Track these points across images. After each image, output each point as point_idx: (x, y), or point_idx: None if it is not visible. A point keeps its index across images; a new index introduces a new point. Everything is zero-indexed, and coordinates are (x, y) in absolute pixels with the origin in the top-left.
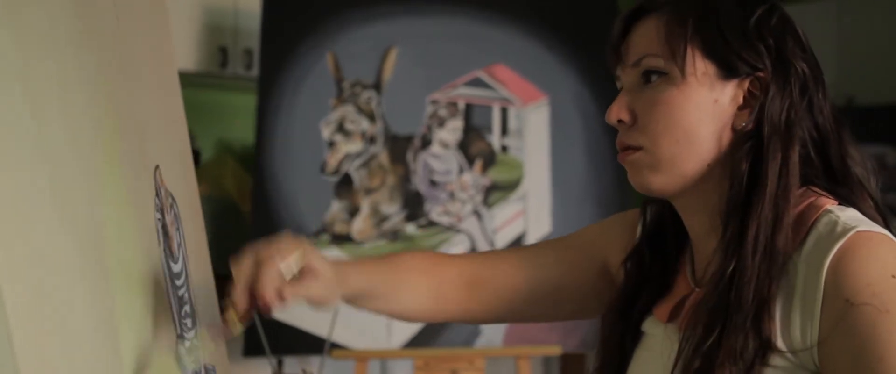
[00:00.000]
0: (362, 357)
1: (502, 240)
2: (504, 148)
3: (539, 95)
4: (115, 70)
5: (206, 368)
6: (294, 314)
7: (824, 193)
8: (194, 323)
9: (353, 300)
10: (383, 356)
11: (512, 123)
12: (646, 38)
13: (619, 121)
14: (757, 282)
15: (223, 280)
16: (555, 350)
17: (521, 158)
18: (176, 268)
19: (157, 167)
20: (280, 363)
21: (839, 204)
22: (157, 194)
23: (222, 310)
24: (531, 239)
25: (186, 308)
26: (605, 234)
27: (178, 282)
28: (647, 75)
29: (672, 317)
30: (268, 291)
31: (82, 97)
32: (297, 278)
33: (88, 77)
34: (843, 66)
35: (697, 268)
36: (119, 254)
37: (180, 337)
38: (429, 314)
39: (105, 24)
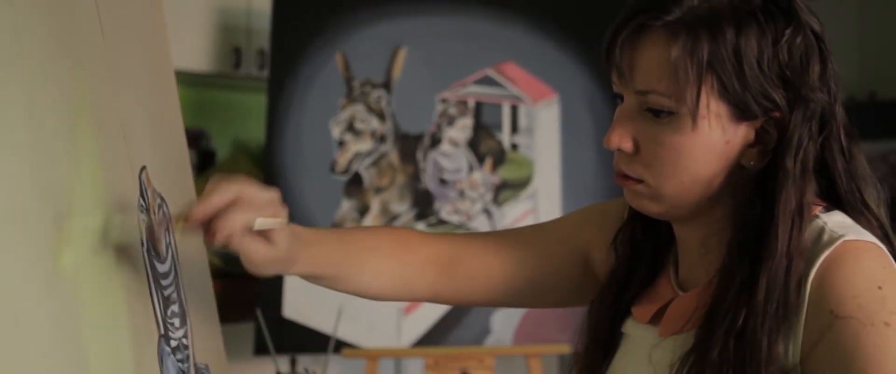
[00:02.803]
0: (373, 356)
1: None
2: (514, 146)
3: (549, 93)
4: (96, 72)
5: (198, 367)
6: (303, 313)
7: (814, 199)
8: (184, 322)
9: (309, 279)
10: (393, 355)
11: (522, 122)
12: (652, 67)
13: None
14: (769, 342)
15: (234, 279)
16: (564, 349)
17: (532, 156)
18: (162, 268)
19: (143, 168)
20: (293, 363)
21: (825, 208)
22: (143, 195)
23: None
24: None
25: (173, 308)
26: (587, 225)
27: (165, 282)
28: (655, 111)
29: (653, 321)
30: (226, 232)
31: (49, 100)
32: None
33: (61, 79)
34: (865, 60)
35: (681, 272)
36: (88, 256)
37: (164, 337)
38: (391, 295)
39: (84, 26)
